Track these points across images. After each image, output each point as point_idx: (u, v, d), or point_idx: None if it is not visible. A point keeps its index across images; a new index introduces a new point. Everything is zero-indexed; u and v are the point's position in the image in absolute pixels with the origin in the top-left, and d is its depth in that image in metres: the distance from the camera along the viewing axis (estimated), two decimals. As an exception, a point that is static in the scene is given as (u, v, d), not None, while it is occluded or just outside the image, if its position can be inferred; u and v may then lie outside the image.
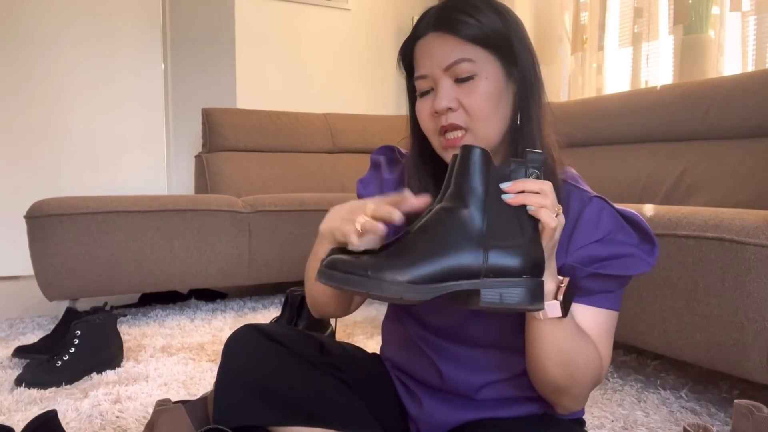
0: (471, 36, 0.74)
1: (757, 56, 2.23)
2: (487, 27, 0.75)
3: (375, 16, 3.81)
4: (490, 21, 0.75)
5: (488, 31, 0.75)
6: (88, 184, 3.35)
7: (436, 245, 0.63)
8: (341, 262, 0.63)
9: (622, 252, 0.77)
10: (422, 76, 0.78)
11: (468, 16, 0.75)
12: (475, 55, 0.75)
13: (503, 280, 0.63)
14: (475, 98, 0.75)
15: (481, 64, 0.75)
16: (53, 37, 3.26)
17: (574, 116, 2.49)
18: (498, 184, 0.66)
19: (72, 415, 1.28)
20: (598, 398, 1.40)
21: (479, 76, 0.75)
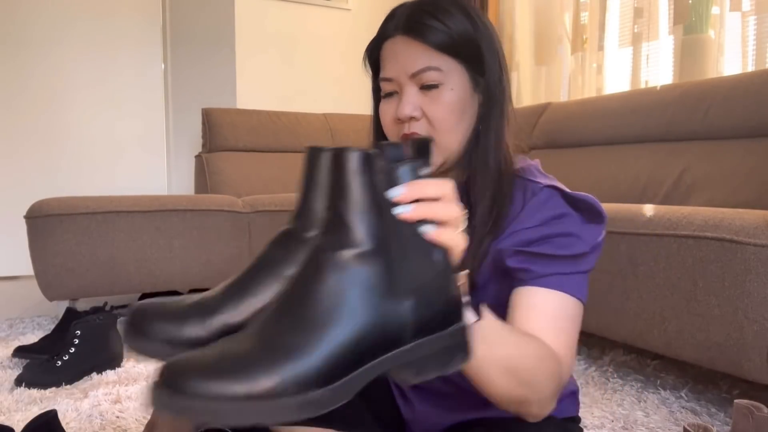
0: (440, 44, 0.72)
1: (757, 56, 2.23)
2: (457, 35, 0.73)
3: (375, 16, 3.80)
4: (461, 28, 0.73)
5: (458, 39, 0.73)
6: (88, 184, 3.35)
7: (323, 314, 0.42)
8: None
9: (559, 232, 0.74)
10: (388, 78, 0.77)
11: (438, 22, 0.72)
12: (442, 64, 0.73)
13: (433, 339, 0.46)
14: (438, 109, 0.73)
15: (448, 74, 0.73)
16: (53, 37, 3.26)
17: (574, 116, 2.49)
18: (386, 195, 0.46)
19: (72, 415, 1.28)
20: (598, 398, 1.40)
21: (445, 85, 0.73)
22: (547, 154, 2.60)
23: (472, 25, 0.74)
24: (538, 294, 0.71)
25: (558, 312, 0.71)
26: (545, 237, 0.73)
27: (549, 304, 0.71)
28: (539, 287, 0.71)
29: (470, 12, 0.75)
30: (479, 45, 0.74)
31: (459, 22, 0.73)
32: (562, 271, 0.72)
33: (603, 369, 1.62)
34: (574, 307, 0.72)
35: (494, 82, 0.76)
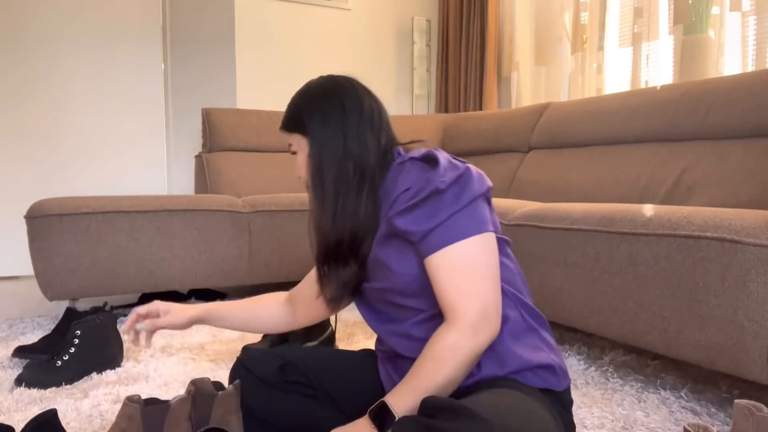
0: (286, 128, 1.06)
1: (757, 56, 2.23)
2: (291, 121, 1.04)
3: (375, 16, 3.81)
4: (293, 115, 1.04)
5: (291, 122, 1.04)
6: (88, 184, 3.35)
7: None
8: None
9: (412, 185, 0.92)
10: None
11: (284, 118, 1.06)
12: (291, 139, 1.05)
13: None
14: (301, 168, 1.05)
15: (295, 144, 1.05)
16: (53, 38, 3.26)
17: (574, 116, 2.49)
18: None
19: (72, 415, 1.28)
20: (598, 398, 1.40)
21: (298, 152, 1.05)
22: (547, 154, 2.60)
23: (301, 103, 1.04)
24: (431, 264, 0.89)
25: (449, 270, 0.88)
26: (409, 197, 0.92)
27: (440, 269, 0.89)
28: (431, 256, 0.89)
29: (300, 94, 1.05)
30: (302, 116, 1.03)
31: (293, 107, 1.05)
32: (436, 222, 0.89)
33: (603, 369, 1.62)
34: (460, 250, 0.88)
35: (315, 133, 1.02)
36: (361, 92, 1.04)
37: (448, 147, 3.22)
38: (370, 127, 1.02)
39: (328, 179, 0.99)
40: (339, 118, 1.01)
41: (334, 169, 0.99)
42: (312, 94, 1.04)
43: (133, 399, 0.99)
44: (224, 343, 1.88)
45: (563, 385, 0.95)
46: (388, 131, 1.05)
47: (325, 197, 0.99)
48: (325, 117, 1.01)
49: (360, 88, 1.06)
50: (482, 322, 0.86)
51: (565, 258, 1.59)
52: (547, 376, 0.93)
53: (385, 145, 1.02)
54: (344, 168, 0.99)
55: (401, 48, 3.93)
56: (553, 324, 2.13)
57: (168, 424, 0.97)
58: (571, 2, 3.04)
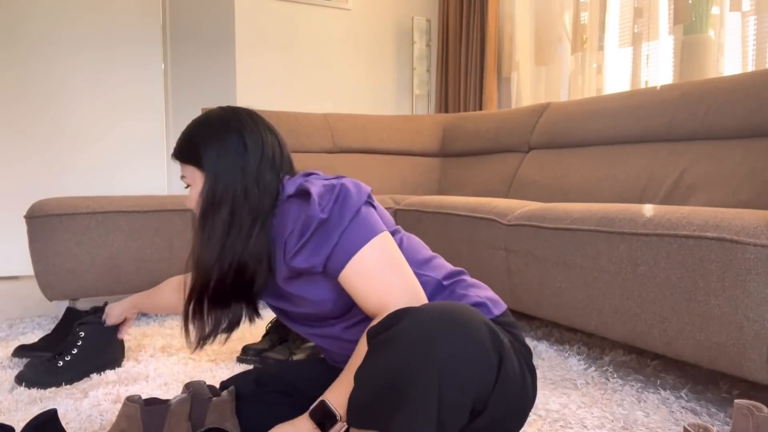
0: (180, 158, 1.04)
1: (757, 56, 2.23)
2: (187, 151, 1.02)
3: (375, 16, 3.81)
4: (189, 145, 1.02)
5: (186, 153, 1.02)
6: (88, 184, 3.35)
7: None
8: None
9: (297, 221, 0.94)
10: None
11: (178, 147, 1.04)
12: (183, 170, 1.04)
13: None
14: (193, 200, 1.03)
15: (189, 176, 1.04)
16: (53, 37, 3.26)
17: (574, 116, 2.49)
18: None
19: (72, 415, 1.28)
20: (598, 398, 1.40)
21: (192, 184, 1.03)
22: (547, 154, 2.60)
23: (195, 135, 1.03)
24: (345, 280, 0.92)
25: (363, 277, 0.91)
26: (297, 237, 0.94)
27: (354, 279, 0.91)
28: (341, 274, 0.92)
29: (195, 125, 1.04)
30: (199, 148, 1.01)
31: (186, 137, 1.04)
32: (330, 246, 0.91)
33: (603, 369, 1.62)
34: (366, 255, 0.91)
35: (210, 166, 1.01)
36: (262, 128, 1.04)
37: (448, 147, 3.22)
38: (270, 166, 1.01)
39: (219, 218, 0.98)
40: (238, 155, 1.00)
41: (227, 209, 0.98)
42: (212, 126, 1.02)
43: (133, 399, 0.99)
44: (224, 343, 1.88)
45: (495, 311, 1.01)
46: (289, 169, 1.05)
47: (213, 235, 0.98)
48: (224, 152, 0.99)
49: (261, 123, 1.05)
50: (416, 304, 0.90)
51: (565, 258, 1.59)
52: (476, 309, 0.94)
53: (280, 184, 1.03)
54: (238, 209, 0.98)
55: (401, 48, 3.93)
56: (553, 324, 2.13)
57: (168, 424, 0.97)
58: (571, 2, 3.04)
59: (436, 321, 0.78)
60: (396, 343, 0.77)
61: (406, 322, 0.78)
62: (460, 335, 0.77)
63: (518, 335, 1.01)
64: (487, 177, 2.87)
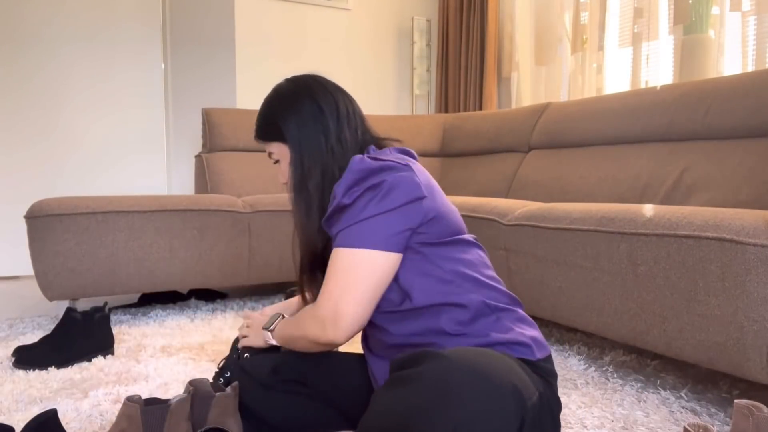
0: (263, 137, 1.10)
1: (757, 56, 2.23)
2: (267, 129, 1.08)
3: (375, 16, 3.81)
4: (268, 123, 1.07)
5: (268, 131, 1.08)
6: (88, 184, 3.35)
7: None
8: None
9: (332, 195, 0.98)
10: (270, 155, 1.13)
11: (258, 127, 1.10)
12: (270, 147, 1.09)
13: None
14: (285, 174, 1.08)
15: (276, 152, 1.09)
16: (53, 38, 3.26)
17: (574, 116, 2.49)
18: None
19: (72, 415, 1.28)
20: (598, 398, 1.40)
21: (281, 159, 1.09)
22: (547, 154, 2.60)
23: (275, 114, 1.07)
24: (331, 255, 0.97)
25: (332, 267, 0.95)
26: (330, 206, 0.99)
27: (332, 262, 0.96)
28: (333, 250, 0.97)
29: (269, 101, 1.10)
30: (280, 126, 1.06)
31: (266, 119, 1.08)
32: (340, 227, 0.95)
33: (603, 369, 1.62)
34: (348, 256, 0.94)
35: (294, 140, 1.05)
36: (332, 90, 1.07)
37: (448, 147, 3.22)
38: (347, 124, 1.04)
39: (312, 184, 1.02)
40: (317, 120, 1.03)
41: (318, 174, 1.02)
42: (285, 98, 1.06)
43: (132, 399, 0.99)
44: (224, 342, 1.88)
45: (538, 354, 0.94)
46: (364, 126, 1.08)
47: (312, 202, 1.01)
48: (302, 121, 1.03)
49: (330, 85, 1.07)
50: (329, 321, 0.93)
51: (565, 258, 1.59)
52: (518, 348, 0.93)
53: (362, 142, 1.06)
54: (327, 171, 1.01)
55: (401, 48, 3.93)
56: (553, 324, 2.13)
57: (168, 424, 0.97)
58: (571, 2, 3.03)
59: (460, 372, 0.73)
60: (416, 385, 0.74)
61: (433, 366, 0.75)
62: (482, 394, 0.72)
63: (553, 385, 0.96)
64: (487, 177, 2.87)
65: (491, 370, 0.75)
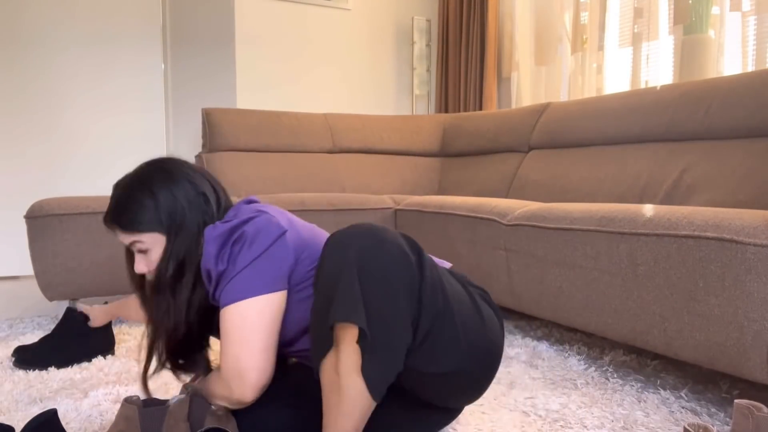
0: (134, 230, 1.01)
1: (757, 56, 2.23)
2: (143, 220, 1.00)
3: (375, 16, 3.81)
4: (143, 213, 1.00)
5: (143, 222, 1.00)
6: (88, 184, 3.35)
7: None
8: None
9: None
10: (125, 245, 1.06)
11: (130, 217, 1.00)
12: (141, 237, 1.01)
13: None
14: (154, 264, 1.02)
15: (148, 242, 1.01)
16: (53, 38, 3.26)
17: (574, 116, 2.49)
18: None
19: (72, 415, 1.28)
20: (598, 398, 1.40)
21: (151, 249, 1.02)
22: (547, 154, 2.60)
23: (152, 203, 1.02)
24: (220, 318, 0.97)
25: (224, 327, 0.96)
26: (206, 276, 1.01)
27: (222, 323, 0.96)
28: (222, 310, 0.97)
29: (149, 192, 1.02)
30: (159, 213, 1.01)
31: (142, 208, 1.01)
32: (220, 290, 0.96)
33: (603, 369, 1.62)
34: (234, 312, 0.95)
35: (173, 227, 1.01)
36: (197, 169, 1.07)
37: (448, 147, 3.22)
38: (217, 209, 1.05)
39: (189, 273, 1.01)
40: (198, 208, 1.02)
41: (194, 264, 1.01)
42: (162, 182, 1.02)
43: (131, 400, 0.99)
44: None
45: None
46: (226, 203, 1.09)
47: (181, 292, 1.01)
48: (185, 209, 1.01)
49: (193, 165, 1.09)
50: (234, 380, 0.95)
51: (565, 258, 1.59)
52: None
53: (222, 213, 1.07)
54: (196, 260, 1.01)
55: (401, 48, 3.93)
56: (553, 324, 2.13)
57: (167, 425, 0.97)
58: (571, 2, 3.03)
59: (351, 232, 0.89)
60: (320, 265, 0.89)
61: (326, 248, 0.89)
62: (374, 235, 0.87)
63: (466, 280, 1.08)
64: (487, 177, 2.87)
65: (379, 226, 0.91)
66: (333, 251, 0.88)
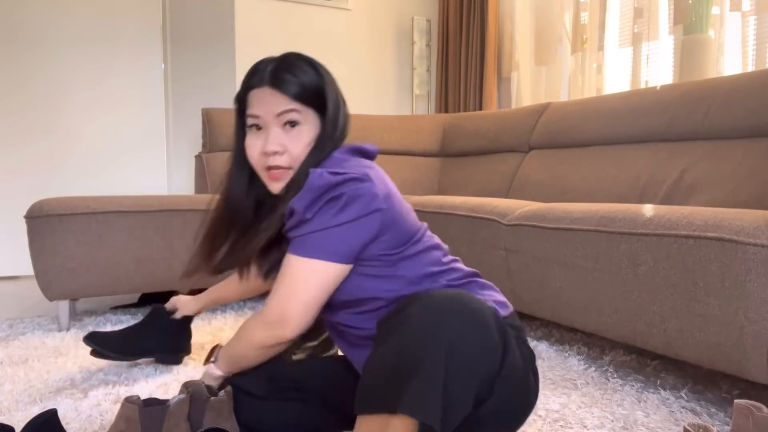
0: (296, 95, 0.98)
1: (757, 56, 2.23)
2: (308, 87, 0.99)
3: (375, 16, 3.81)
4: (310, 81, 1.00)
5: (309, 90, 0.99)
6: (88, 184, 3.35)
7: None
8: None
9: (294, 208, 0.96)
10: (255, 115, 1.01)
11: (295, 78, 0.99)
12: (299, 108, 0.99)
13: None
14: (298, 144, 1.00)
15: (305, 115, 1.00)
16: (53, 38, 3.26)
17: (574, 116, 2.49)
18: None
19: (72, 415, 1.28)
20: (598, 398, 1.40)
21: (303, 125, 1.00)
22: (547, 154, 2.60)
23: (319, 78, 1.01)
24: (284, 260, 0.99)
25: (284, 272, 0.97)
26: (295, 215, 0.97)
27: (284, 267, 0.98)
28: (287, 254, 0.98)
29: (318, 68, 1.03)
30: (324, 91, 1.01)
31: (309, 76, 1.00)
32: (297, 233, 0.96)
33: (603, 369, 1.62)
34: (300, 264, 0.96)
35: (332, 118, 1.02)
36: None
37: (448, 147, 3.22)
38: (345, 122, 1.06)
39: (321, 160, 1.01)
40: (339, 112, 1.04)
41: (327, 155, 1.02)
42: (326, 71, 1.04)
43: (131, 399, 0.99)
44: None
45: (503, 313, 1.00)
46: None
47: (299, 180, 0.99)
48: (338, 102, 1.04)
49: None
50: (276, 323, 0.97)
51: (565, 258, 1.59)
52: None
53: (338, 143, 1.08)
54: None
55: (401, 48, 3.93)
56: (553, 324, 2.13)
57: (167, 425, 0.97)
58: (571, 2, 3.03)
59: (444, 305, 0.82)
60: (404, 328, 0.81)
61: (415, 308, 0.83)
62: (468, 319, 0.81)
63: (523, 338, 1.01)
64: (487, 177, 2.86)
65: (473, 300, 0.85)
66: (425, 323, 0.80)
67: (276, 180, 1.02)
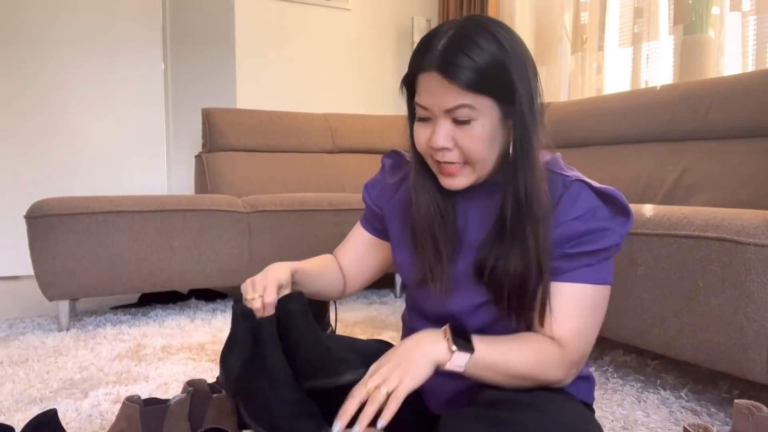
0: (471, 84, 0.75)
1: (757, 56, 2.23)
2: (488, 71, 0.76)
3: (375, 16, 3.81)
4: (491, 62, 0.76)
5: (488, 75, 0.76)
6: (88, 184, 3.35)
7: None
8: None
9: (596, 227, 0.82)
10: (423, 106, 0.81)
11: (470, 61, 0.75)
12: (474, 102, 0.77)
13: None
14: (470, 141, 0.79)
15: (480, 110, 0.77)
16: (54, 38, 3.26)
17: (574, 116, 2.49)
18: None
19: (72, 415, 1.28)
20: (598, 398, 1.40)
21: (477, 121, 0.78)
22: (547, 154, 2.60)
23: (503, 55, 0.77)
24: (563, 288, 0.82)
25: (573, 301, 0.82)
26: (580, 235, 0.82)
27: (567, 295, 0.82)
28: (565, 282, 0.82)
29: (502, 41, 0.77)
30: (510, 75, 0.77)
31: (490, 56, 0.76)
32: (588, 263, 0.82)
33: (603, 369, 1.62)
34: (593, 293, 0.83)
35: (525, 106, 0.79)
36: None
37: (448, 147, 3.22)
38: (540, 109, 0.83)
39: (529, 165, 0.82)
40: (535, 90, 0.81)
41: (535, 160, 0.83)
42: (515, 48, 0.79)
43: (132, 399, 0.99)
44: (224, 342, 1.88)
45: (592, 397, 0.96)
46: None
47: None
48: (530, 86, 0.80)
49: None
50: (576, 365, 0.84)
51: (565, 258, 1.59)
52: (582, 386, 0.92)
53: None
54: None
55: (401, 48, 3.92)
56: (553, 324, 2.13)
57: (167, 424, 0.97)
58: (571, 2, 3.03)
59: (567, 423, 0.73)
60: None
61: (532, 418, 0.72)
62: None
63: None
64: (487, 177, 2.86)
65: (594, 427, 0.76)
66: None
67: (450, 176, 0.83)
